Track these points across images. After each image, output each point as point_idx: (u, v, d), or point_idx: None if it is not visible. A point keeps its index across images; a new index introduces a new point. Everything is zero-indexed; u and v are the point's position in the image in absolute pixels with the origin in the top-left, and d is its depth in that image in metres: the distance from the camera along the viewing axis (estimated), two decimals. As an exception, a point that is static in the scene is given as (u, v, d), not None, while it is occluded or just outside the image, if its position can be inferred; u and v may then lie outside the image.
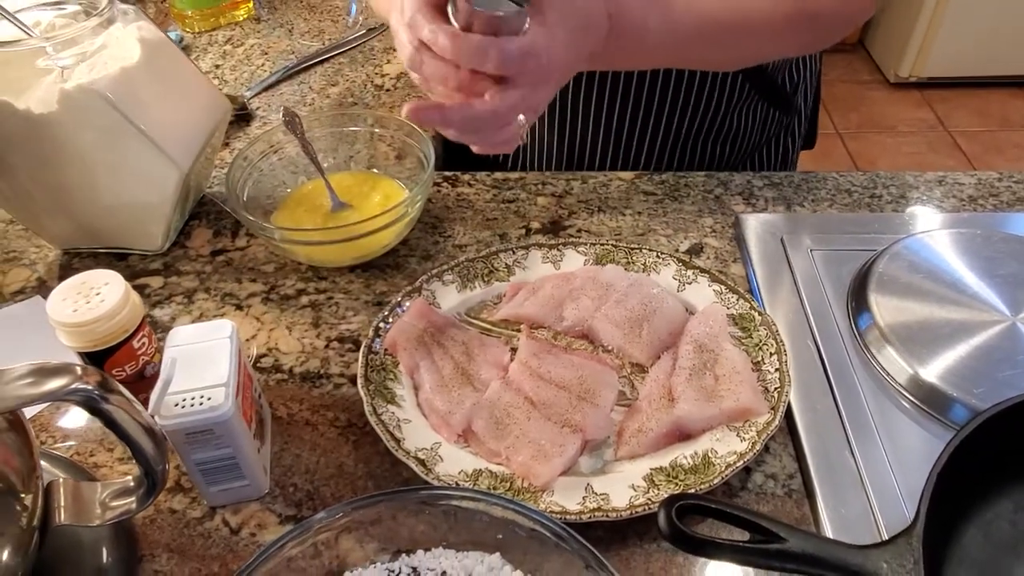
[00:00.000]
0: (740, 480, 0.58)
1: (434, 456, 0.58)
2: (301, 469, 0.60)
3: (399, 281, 0.75)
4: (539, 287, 0.71)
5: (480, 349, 0.66)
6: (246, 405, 0.55)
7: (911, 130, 2.80)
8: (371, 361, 0.64)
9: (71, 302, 0.55)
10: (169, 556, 0.55)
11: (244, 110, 1.01)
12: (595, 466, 0.58)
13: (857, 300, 0.69)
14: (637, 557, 0.54)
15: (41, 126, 0.67)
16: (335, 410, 0.64)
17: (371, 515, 0.49)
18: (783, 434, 0.61)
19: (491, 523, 0.49)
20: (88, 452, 0.62)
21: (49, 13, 0.74)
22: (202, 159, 0.78)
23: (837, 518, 0.55)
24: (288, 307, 0.73)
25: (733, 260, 0.76)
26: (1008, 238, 0.72)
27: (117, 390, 0.44)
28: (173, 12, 1.21)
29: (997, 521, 0.50)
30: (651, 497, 0.54)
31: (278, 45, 1.17)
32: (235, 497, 0.57)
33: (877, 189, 0.84)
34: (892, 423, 0.61)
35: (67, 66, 0.68)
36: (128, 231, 0.77)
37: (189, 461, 0.53)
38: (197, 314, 0.73)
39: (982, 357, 0.63)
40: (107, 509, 0.48)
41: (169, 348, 0.55)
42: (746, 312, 0.67)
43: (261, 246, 0.80)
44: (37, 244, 0.82)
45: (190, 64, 0.79)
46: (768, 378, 0.62)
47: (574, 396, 0.61)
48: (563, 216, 0.82)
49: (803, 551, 0.44)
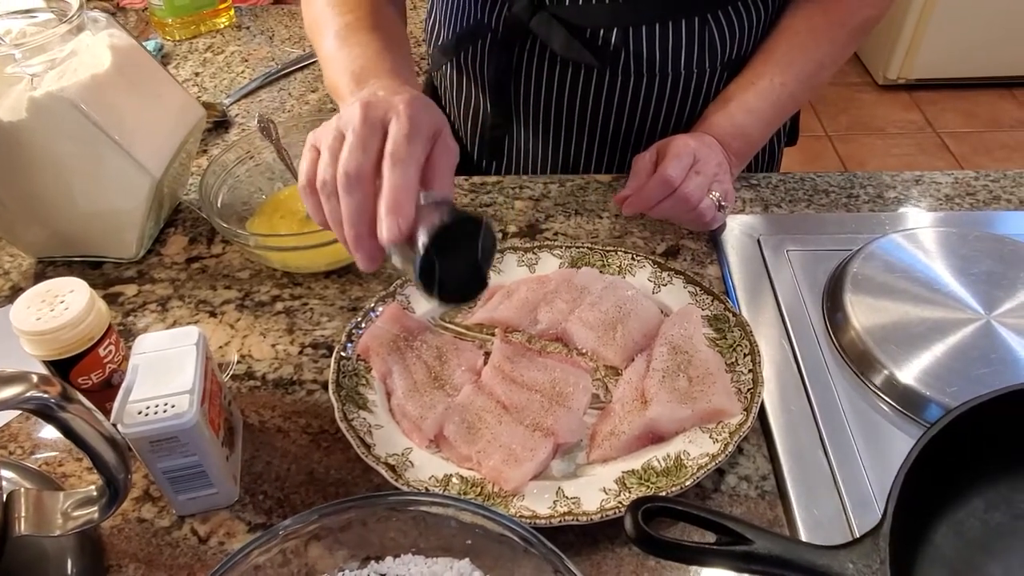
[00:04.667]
0: (713, 482, 0.58)
1: (405, 462, 0.57)
2: (271, 476, 0.59)
3: (375, 286, 0.75)
4: (514, 290, 0.71)
5: (453, 353, 0.65)
6: (213, 412, 0.55)
7: (900, 132, 2.81)
8: (343, 367, 0.64)
9: (35, 310, 0.54)
10: (136, 566, 0.54)
11: (223, 117, 1.01)
12: (567, 470, 0.58)
13: (832, 300, 0.69)
14: (608, 561, 0.53)
15: (10, 134, 0.67)
16: (307, 416, 0.63)
17: (340, 522, 0.49)
18: (757, 435, 0.61)
19: (460, 528, 0.48)
20: (57, 462, 0.61)
21: (20, 21, 0.73)
22: (176, 166, 0.78)
23: (810, 519, 0.54)
24: (263, 314, 0.73)
25: (710, 261, 0.76)
26: (983, 236, 0.72)
27: (75, 398, 0.43)
28: (154, 20, 1.21)
29: (968, 519, 0.50)
30: (622, 500, 0.54)
31: (258, 52, 1.17)
32: (204, 505, 0.57)
33: (854, 189, 0.84)
34: (866, 423, 0.60)
35: (36, 73, 0.68)
36: (102, 239, 0.77)
37: (155, 469, 0.53)
38: (171, 322, 0.73)
39: (956, 356, 0.62)
40: (69, 519, 0.48)
41: (134, 355, 0.54)
42: (720, 313, 0.67)
43: (236, 253, 0.80)
44: (11, 253, 0.81)
45: (163, 71, 0.79)
46: (742, 379, 0.62)
47: (547, 399, 0.61)
48: (540, 219, 0.82)
49: (770, 553, 0.43)
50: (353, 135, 0.53)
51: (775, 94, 0.79)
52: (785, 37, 0.81)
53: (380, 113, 0.53)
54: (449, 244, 0.51)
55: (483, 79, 0.90)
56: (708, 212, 0.73)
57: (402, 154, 0.51)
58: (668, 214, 0.74)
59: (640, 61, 0.82)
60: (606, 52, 0.81)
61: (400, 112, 0.53)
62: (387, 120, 0.53)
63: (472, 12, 0.87)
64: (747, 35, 0.83)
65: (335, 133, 0.54)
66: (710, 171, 0.73)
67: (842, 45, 0.81)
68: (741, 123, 0.79)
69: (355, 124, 0.53)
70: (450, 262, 0.51)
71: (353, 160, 0.52)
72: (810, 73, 0.80)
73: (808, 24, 0.80)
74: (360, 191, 0.52)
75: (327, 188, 0.54)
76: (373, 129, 0.53)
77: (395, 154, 0.51)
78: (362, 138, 0.52)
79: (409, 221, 0.50)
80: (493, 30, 0.85)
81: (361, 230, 0.53)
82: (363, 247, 0.53)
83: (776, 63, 0.80)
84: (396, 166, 0.51)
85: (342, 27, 0.70)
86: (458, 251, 0.52)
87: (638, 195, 0.73)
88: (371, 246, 0.53)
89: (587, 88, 0.86)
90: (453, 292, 0.54)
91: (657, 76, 0.83)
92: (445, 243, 0.50)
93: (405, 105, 0.53)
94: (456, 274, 0.52)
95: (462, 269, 0.53)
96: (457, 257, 0.52)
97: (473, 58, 0.89)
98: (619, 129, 0.89)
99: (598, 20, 0.80)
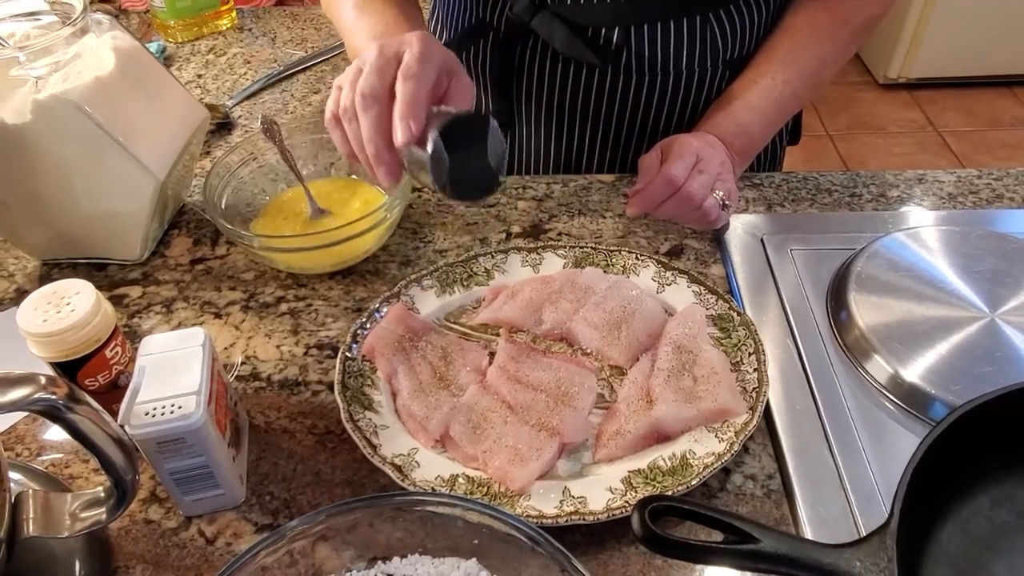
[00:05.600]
0: (719, 481, 0.58)
1: (411, 462, 0.57)
2: (278, 477, 0.59)
3: (379, 287, 0.75)
4: (518, 291, 0.71)
5: (459, 354, 0.65)
6: (220, 413, 0.55)
7: (901, 131, 2.81)
8: (349, 367, 0.64)
9: (41, 312, 0.54)
10: (144, 567, 0.54)
11: (226, 119, 1.01)
12: (573, 469, 0.58)
13: (836, 299, 0.69)
14: (615, 560, 0.53)
15: (15, 136, 0.67)
16: (313, 417, 0.64)
17: (347, 522, 0.49)
18: (762, 434, 0.61)
19: (467, 528, 0.48)
20: (64, 464, 0.61)
21: (24, 24, 0.74)
22: (179, 168, 0.78)
23: (816, 517, 0.55)
24: (267, 315, 0.73)
25: (713, 261, 0.76)
26: (986, 235, 0.72)
27: (82, 399, 0.43)
28: (156, 22, 1.21)
29: (974, 517, 0.50)
30: (628, 500, 0.54)
31: (261, 54, 1.17)
32: (211, 506, 0.57)
33: (857, 188, 0.84)
34: (871, 421, 0.60)
35: (41, 76, 0.68)
36: (106, 241, 0.77)
37: (162, 470, 0.53)
38: (176, 323, 0.73)
39: (961, 354, 0.62)
40: (77, 520, 0.48)
41: (141, 357, 0.54)
42: (725, 313, 0.67)
43: (241, 254, 0.80)
44: (16, 255, 0.81)
45: (166, 73, 0.79)
46: (747, 378, 0.62)
47: (552, 399, 0.61)
48: (543, 220, 0.82)
49: (776, 551, 0.43)
50: (369, 66, 0.59)
51: (777, 92, 0.79)
52: (787, 35, 0.81)
53: (394, 47, 0.59)
54: (458, 138, 0.54)
55: (485, 79, 0.90)
56: (712, 211, 0.73)
57: (414, 70, 0.57)
58: (672, 214, 0.74)
59: (642, 60, 0.82)
60: (608, 51, 0.81)
61: (412, 43, 0.59)
62: (401, 52, 0.59)
63: (473, 12, 0.87)
64: (749, 34, 0.83)
65: (355, 70, 0.60)
66: (713, 170, 0.73)
67: (844, 43, 0.81)
68: (743, 122, 0.79)
69: (372, 58, 0.59)
70: (461, 157, 0.55)
71: (368, 83, 0.58)
72: (812, 71, 0.80)
73: (810, 22, 0.80)
74: (376, 108, 0.58)
75: (348, 113, 0.60)
76: (387, 60, 0.59)
77: (406, 71, 0.57)
78: (377, 67, 0.58)
79: (420, 124, 0.55)
80: (495, 30, 0.85)
81: (379, 144, 0.58)
82: (383, 160, 0.59)
83: (778, 61, 0.80)
84: (408, 80, 0.57)
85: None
86: (468, 145, 0.55)
87: (642, 195, 0.74)
88: (390, 159, 0.59)
89: (589, 87, 0.86)
90: (468, 188, 0.57)
91: (659, 75, 0.83)
92: (454, 137, 0.54)
93: (417, 39, 0.59)
94: (469, 170, 0.56)
95: (474, 163, 0.56)
96: (467, 151, 0.55)
97: (475, 58, 0.90)
98: (621, 128, 0.89)
99: (600, 19, 0.80)
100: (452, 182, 0.55)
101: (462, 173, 0.55)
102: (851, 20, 0.80)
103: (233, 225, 0.73)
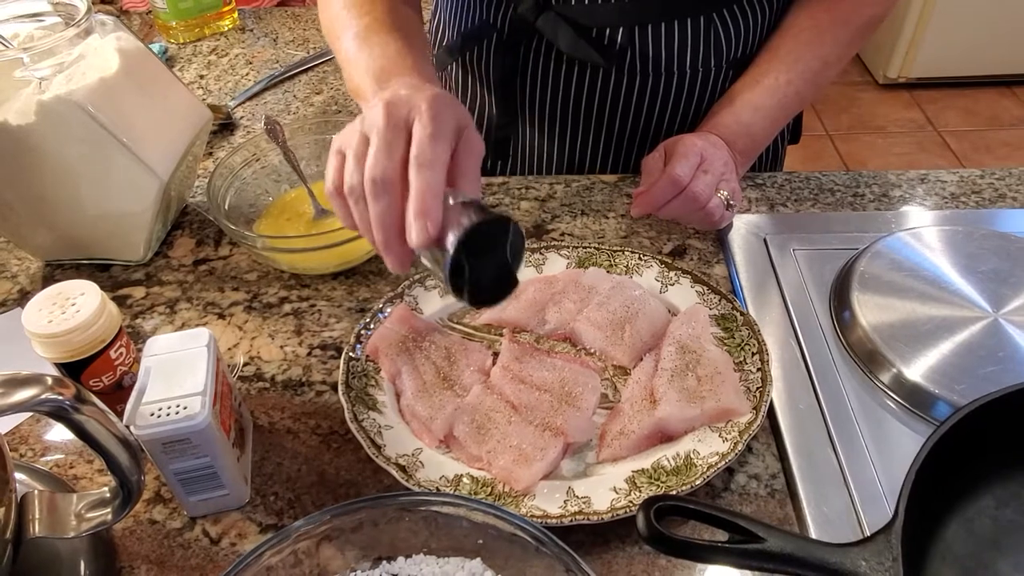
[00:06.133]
0: (723, 481, 0.58)
1: (415, 462, 0.58)
2: (282, 477, 0.59)
3: (382, 287, 0.75)
4: (521, 291, 0.71)
5: (462, 354, 0.66)
6: (224, 414, 0.55)
7: (901, 131, 2.81)
8: (352, 368, 0.64)
9: (46, 313, 0.54)
10: (148, 567, 0.54)
11: (228, 120, 1.01)
12: (577, 469, 0.58)
13: (839, 299, 0.69)
14: (619, 560, 0.53)
15: (19, 137, 0.67)
16: (317, 418, 0.64)
17: (351, 522, 0.49)
18: (766, 434, 0.61)
19: (471, 528, 0.48)
20: (68, 464, 0.61)
21: (28, 25, 0.74)
22: (183, 168, 0.78)
23: (820, 517, 0.55)
24: (271, 315, 0.73)
25: (716, 261, 0.76)
26: (989, 234, 0.72)
27: (89, 400, 0.43)
28: (158, 23, 1.22)
29: (979, 516, 0.50)
30: (633, 499, 0.54)
31: (263, 54, 1.17)
32: (215, 507, 0.57)
33: (860, 188, 0.84)
34: (875, 421, 0.60)
35: (45, 77, 0.68)
36: (110, 241, 0.77)
37: (167, 471, 0.53)
38: (179, 324, 0.73)
39: (964, 354, 0.62)
40: (83, 520, 0.48)
41: (146, 358, 0.54)
42: (728, 313, 0.67)
43: (244, 255, 0.80)
44: (19, 256, 0.81)
45: (169, 74, 0.79)
46: (750, 378, 0.62)
47: (556, 399, 0.61)
48: (546, 220, 0.82)
49: (782, 551, 0.43)
50: (378, 138, 0.53)
51: (780, 92, 0.79)
52: (790, 35, 0.81)
53: (403, 113, 0.53)
54: (478, 245, 0.50)
55: (489, 79, 0.90)
56: (716, 211, 0.73)
57: (427, 156, 0.51)
58: (676, 214, 0.75)
59: (646, 60, 0.82)
60: (612, 51, 0.81)
61: (423, 112, 0.53)
62: (410, 120, 0.53)
63: (477, 12, 0.87)
64: (752, 34, 0.83)
65: (360, 137, 0.54)
66: (717, 170, 0.73)
67: (846, 43, 0.81)
68: (747, 122, 0.79)
69: (379, 127, 0.53)
70: (480, 263, 0.51)
71: (379, 165, 0.52)
72: (815, 71, 0.80)
73: (813, 22, 0.80)
74: (387, 196, 0.52)
75: (355, 193, 0.54)
76: (397, 131, 0.53)
77: (420, 157, 0.51)
78: (387, 141, 0.52)
79: (437, 225, 0.50)
80: (499, 30, 0.85)
81: (390, 234, 0.53)
82: (392, 251, 0.54)
83: (781, 61, 0.80)
84: (422, 170, 0.51)
85: (361, 29, 0.69)
86: (487, 252, 0.52)
87: (646, 196, 0.74)
88: (401, 250, 0.53)
89: (593, 87, 0.86)
90: (484, 293, 0.54)
91: (663, 75, 0.83)
92: (474, 245, 0.50)
93: (428, 104, 0.53)
94: (486, 275, 0.52)
95: (492, 270, 0.53)
96: (487, 258, 0.52)
97: (479, 58, 0.90)
98: (625, 128, 0.89)
99: (604, 19, 0.80)
100: (471, 287, 0.52)
101: (481, 279, 0.52)
102: (853, 20, 0.80)
103: (236, 226, 0.73)
